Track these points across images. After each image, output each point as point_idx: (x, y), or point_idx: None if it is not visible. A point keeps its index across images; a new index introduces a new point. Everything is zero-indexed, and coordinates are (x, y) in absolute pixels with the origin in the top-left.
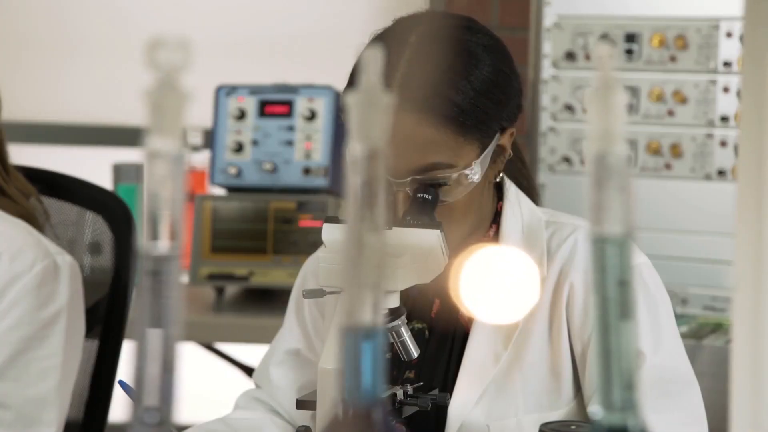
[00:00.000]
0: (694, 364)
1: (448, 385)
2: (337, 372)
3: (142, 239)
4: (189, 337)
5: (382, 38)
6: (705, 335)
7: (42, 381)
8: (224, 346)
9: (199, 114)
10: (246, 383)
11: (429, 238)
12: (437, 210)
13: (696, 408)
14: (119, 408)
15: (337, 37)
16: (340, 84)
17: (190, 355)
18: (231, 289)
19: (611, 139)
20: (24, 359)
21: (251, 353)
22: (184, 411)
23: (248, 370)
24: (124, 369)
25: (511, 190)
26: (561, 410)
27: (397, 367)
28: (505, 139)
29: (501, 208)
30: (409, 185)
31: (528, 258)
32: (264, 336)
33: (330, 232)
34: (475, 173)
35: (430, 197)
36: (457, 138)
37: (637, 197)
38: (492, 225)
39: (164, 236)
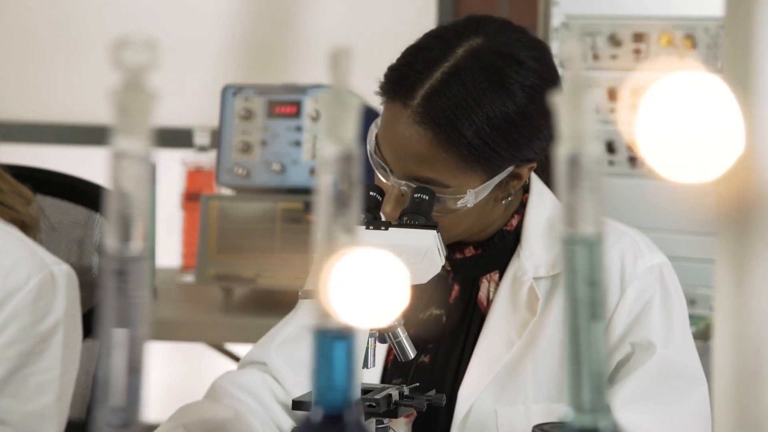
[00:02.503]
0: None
1: (461, 370)
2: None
3: (108, 239)
4: (197, 337)
5: (439, 34)
6: (712, 336)
7: (40, 395)
8: (233, 347)
9: (208, 114)
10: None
11: (425, 238)
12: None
13: (700, 406)
14: None
15: (344, 37)
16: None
17: (199, 356)
18: (239, 290)
19: (583, 140)
20: (22, 374)
21: None
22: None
23: None
24: None
25: (537, 183)
26: None
27: None
28: (523, 170)
29: (526, 199)
30: (405, 187)
31: (398, 262)
32: None
33: None
34: (466, 201)
35: (427, 197)
36: (458, 164)
37: (645, 197)
38: (514, 215)
39: (131, 236)
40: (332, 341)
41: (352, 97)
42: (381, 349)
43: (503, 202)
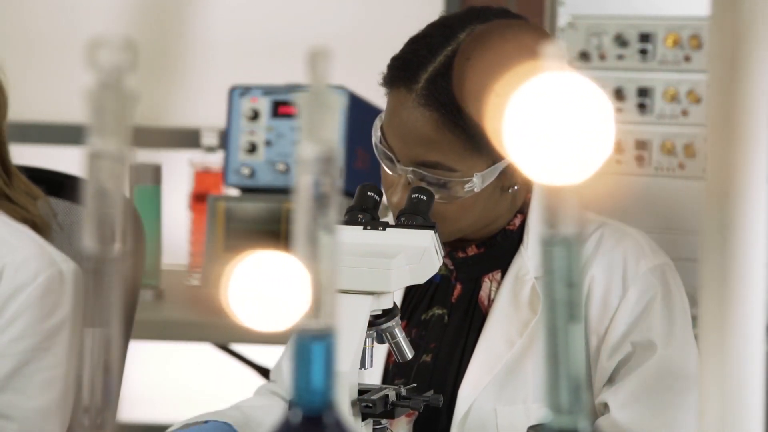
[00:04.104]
0: None
1: (462, 369)
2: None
3: (85, 239)
4: (203, 337)
5: (441, 23)
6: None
7: (46, 392)
8: (239, 347)
9: (215, 115)
10: (260, 384)
11: (423, 238)
12: (438, 202)
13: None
14: (125, 407)
15: (351, 38)
16: (354, 85)
17: (205, 356)
18: None
19: None
20: (28, 370)
21: (266, 354)
22: (198, 410)
23: (263, 371)
24: (128, 369)
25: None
26: None
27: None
28: None
29: (529, 199)
30: (411, 174)
31: (297, 262)
32: (279, 336)
33: None
34: (473, 185)
35: (424, 198)
36: (465, 145)
37: (651, 197)
38: (518, 214)
39: (108, 237)
40: (311, 342)
41: (332, 97)
42: (383, 350)
43: (509, 191)
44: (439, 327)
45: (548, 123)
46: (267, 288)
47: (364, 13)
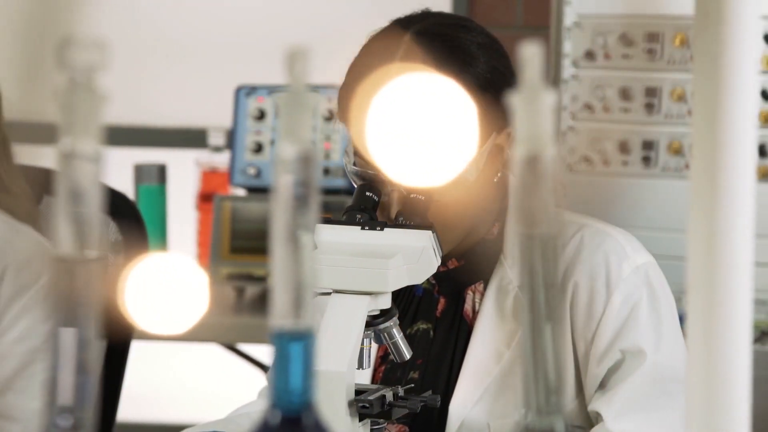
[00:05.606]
0: None
1: (451, 384)
2: (323, 374)
3: (59, 239)
4: (210, 337)
5: (377, 37)
6: None
7: None
8: (246, 347)
9: (222, 114)
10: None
11: (421, 238)
12: (432, 209)
13: None
14: (127, 408)
15: (357, 38)
16: None
17: (212, 356)
18: (252, 290)
19: (540, 142)
20: (30, 371)
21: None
22: (205, 411)
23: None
24: (130, 370)
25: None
26: None
27: (401, 368)
28: (502, 139)
29: (506, 206)
30: None
31: (195, 265)
32: None
33: (321, 233)
34: (467, 172)
35: (423, 198)
36: None
37: (659, 198)
38: (495, 223)
39: (81, 237)
40: (289, 342)
41: (310, 97)
42: (368, 369)
43: (494, 180)
44: (425, 342)
45: (409, 124)
46: (163, 290)
47: (373, 14)
